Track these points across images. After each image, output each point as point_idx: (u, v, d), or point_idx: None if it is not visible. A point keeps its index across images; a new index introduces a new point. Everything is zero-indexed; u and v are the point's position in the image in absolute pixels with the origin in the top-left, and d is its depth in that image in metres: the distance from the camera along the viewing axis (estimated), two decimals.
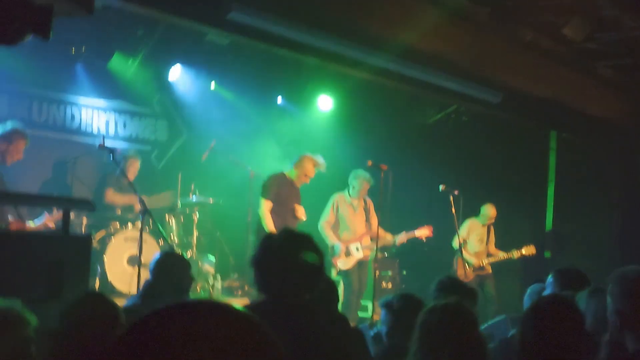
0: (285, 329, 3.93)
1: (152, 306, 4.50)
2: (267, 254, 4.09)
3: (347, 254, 10.77)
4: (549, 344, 3.58)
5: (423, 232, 11.09)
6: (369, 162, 10.09)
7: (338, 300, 5.52)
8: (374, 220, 10.91)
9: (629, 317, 3.67)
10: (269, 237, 4.18)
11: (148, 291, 5.74)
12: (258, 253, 4.12)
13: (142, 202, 8.10)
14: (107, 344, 1.72)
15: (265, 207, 10.06)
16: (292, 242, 4.11)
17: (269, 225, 9.86)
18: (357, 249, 10.77)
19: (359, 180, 10.75)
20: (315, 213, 11.08)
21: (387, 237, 10.99)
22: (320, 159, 10.43)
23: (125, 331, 1.43)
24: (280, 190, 10.20)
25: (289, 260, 4.04)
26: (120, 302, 7.26)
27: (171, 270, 5.78)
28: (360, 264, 10.75)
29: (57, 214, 8.52)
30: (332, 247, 10.79)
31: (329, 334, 4.05)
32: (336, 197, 11.03)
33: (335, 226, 10.95)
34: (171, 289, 5.65)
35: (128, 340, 1.41)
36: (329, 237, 10.82)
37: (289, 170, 10.37)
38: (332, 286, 5.42)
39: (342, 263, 10.75)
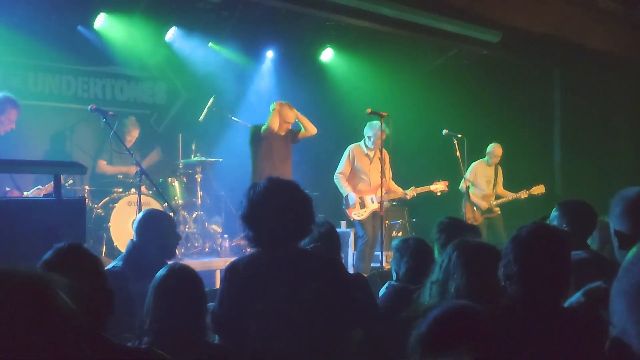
0: (281, 278, 3.89)
1: (134, 268, 4.43)
2: (252, 207, 4.00)
3: (362, 205, 10.73)
4: (532, 274, 3.42)
5: (439, 187, 11.03)
6: (368, 110, 9.93)
7: (338, 246, 5.43)
8: (388, 174, 10.83)
9: (628, 237, 3.53)
10: (252, 189, 4.07)
11: (132, 252, 5.63)
12: (243, 207, 4.03)
13: (139, 164, 8.01)
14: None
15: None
16: (276, 191, 4.02)
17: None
18: (372, 201, 10.73)
19: (375, 130, 10.62)
20: (322, 163, 11.04)
21: (398, 191, 10.96)
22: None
23: None
24: (265, 139, 10.17)
25: (274, 210, 3.95)
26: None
27: (154, 228, 5.65)
28: (375, 214, 10.68)
29: (50, 185, 8.46)
30: (347, 198, 10.75)
31: (324, 281, 3.97)
32: (352, 148, 10.95)
33: (351, 177, 10.89)
34: (155, 248, 5.54)
35: None
36: (344, 188, 10.78)
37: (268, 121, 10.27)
38: (332, 231, 5.34)
39: (357, 214, 10.71)
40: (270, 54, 12.92)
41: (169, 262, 5.69)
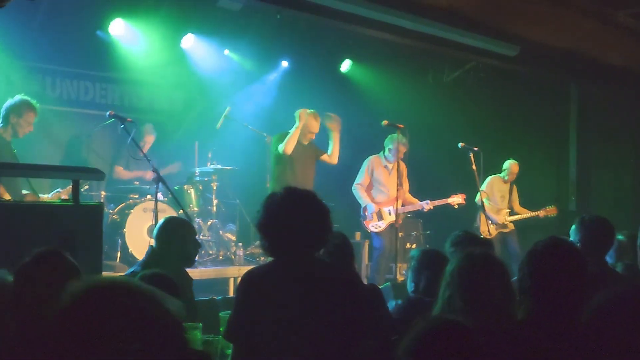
0: (295, 288, 3.89)
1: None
2: (269, 216, 4.01)
3: (380, 217, 10.72)
4: (547, 289, 3.43)
5: (456, 200, 11.05)
6: (385, 122, 9.96)
7: (352, 257, 5.42)
8: (405, 186, 10.88)
9: None
10: (270, 198, 4.08)
11: (150, 259, 5.64)
12: (262, 216, 4.04)
13: (156, 171, 8.03)
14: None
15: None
16: (294, 200, 4.03)
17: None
18: (390, 212, 10.72)
19: (395, 143, 10.61)
20: (337, 174, 11.05)
21: (415, 203, 10.98)
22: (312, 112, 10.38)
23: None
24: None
25: (292, 220, 3.95)
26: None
27: (174, 236, 5.67)
28: (392, 226, 10.67)
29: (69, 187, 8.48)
30: (365, 209, 10.75)
31: (340, 290, 3.98)
32: (372, 159, 10.98)
33: (369, 188, 10.91)
34: (174, 255, 5.56)
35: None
36: (363, 199, 10.78)
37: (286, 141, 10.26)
38: (345, 243, 5.33)
39: (375, 226, 10.71)
40: (285, 63, 12.91)
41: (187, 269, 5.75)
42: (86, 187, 9.59)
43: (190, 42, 11.81)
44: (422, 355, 2.58)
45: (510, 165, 12.21)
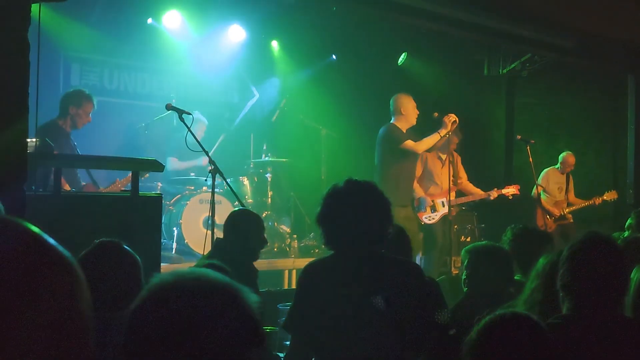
0: (355, 281, 3.89)
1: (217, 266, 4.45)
2: (330, 207, 4.01)
3: (433, 209, 10.62)
4: (586, 285, 3.42)
5: (510, 191, 10.91)
6: (435, 114, 9.86)
7: (410, 249, 5.40)
8: (463, 175, 10.79)
9: None
10: (331, 190, 4.08)
11: (216, 249, 5.67)
12: (322, 208, 4.04)
13: (212, 162, 8.05)
14: None
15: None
16: (355, 192, 4.02)
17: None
18: (443, 204, 10.60)
19: (450, 135, 10.52)
20: None
21: (476, 193, 10.84)
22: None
23: None
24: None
25: (352, 212, 3.95)
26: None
27: (237, 229, 5.68)
28: (445, 219, 10.58)
29: (127, 178, 8.54)
30: (419, 201, 10.64)
31: (400, 283, 3.96)
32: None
33: (422, 179, 10.77)
34: (240, 247, 5.56)
35: None
36: (415, 191, 10.64)
37: (396, 119, 10.02)
38: (404, 235, 5.32)
39: (428, 218, 10.60)
40: (334, 56, 12.90)
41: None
42: (146, 175, 9.58)
43: (243, 34, 11.88)
44: (490, 347, 2.59)
45: (566, 156, 12.11)
